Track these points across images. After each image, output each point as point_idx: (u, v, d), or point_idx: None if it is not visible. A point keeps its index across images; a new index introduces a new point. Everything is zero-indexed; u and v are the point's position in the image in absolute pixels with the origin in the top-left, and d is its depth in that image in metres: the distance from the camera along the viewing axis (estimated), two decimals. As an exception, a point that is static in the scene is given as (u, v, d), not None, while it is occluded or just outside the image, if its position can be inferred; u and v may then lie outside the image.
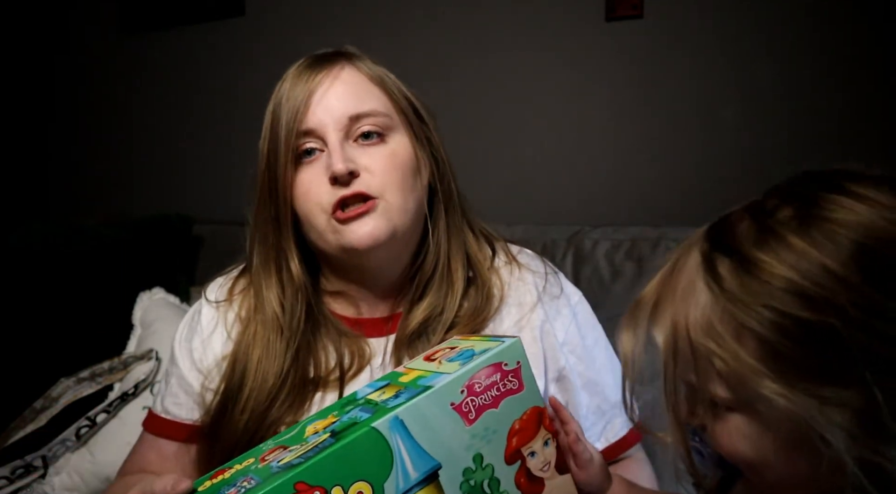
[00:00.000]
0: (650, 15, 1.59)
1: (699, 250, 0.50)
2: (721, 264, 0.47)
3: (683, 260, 0.52)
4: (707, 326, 0.47)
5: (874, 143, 1.43)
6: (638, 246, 1.48)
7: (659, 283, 0.53)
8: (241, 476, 0.56)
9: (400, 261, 0.84)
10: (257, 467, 0.57)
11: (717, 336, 0.47)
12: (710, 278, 0.48)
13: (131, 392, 1.40)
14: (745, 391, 0.46)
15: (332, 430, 0.58)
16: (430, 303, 0.83)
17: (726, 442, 0.49)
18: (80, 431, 1.36)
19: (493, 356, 0.62)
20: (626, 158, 1.67)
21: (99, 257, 1.72)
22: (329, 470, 0.53)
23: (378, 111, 0.79)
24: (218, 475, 0.59)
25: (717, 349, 0.46)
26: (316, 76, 0.79)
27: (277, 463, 0.55)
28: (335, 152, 0.76)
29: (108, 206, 2.35)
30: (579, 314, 0.90)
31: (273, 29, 2.04)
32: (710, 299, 0.47)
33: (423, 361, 0.67)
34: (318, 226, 0.78)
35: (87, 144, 2.48)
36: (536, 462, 0.63)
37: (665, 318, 0.50)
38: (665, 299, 0.51)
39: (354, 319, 0.86)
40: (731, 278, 0.46)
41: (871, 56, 1.43)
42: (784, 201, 0.49)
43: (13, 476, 1.30)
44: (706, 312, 0.47)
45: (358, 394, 0.66)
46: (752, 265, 0.46)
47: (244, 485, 0.53)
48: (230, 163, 2.14)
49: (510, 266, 0.89)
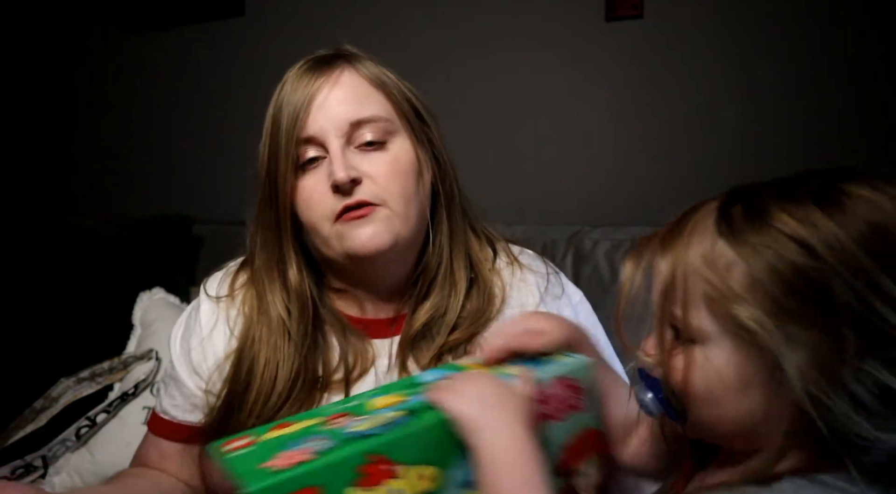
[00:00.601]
0: (650, 15, 1.59)
1: (716, 201, 0.55)
2: (735, 210, 0.52)
3: (698, 209, 0.56)
4: (706, 256, 0.51)
5: (874, 143, 1.43)
6: (638, 246, 1.48)
7: (670, 224, 0.57)
8: (307, 434, 0.57)
9: (403, 265, 0.84)
10: (327, 429, 0.57)
11: (712, 265, 0.51)
12: (720, 218, 0.52)
13: (131, 392, 1.40)
14: (722, 318, 0.50)
15: (405, 409, 0.58)
16: (433, 304, 0.83)
17: (683, 377, 0.53)
18: (80, 431, 1.36)
19: (567, 370, 0.63)
20: (626, 158, 1.67)
21: (99, 257, 1.72)
22: (404, 447, 0.54)
23: (379, 116, 0.79)
24: (280, 427, 0.60)
25: (710, 274, 0.51)
26: (316, 81, 0.78)
27: (349, 430, 0.56)
28: (336, 160, 0.75)
29: (108, 206, 2.35)
30: (581, 314, 0.91)
31: (273, 29, 2.04)
32: (715, 235, 0.52)
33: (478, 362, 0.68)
34: (323, 233, 0.78)
35: (88, 143, 2.48)
36: (583, 482, 0.64)
37: (670, 251, 0.54)
38: (674, 236, 0.55)
39: (359, 318, 0.86)
40: (742, 221, 0.51)
41: (871, 56, 1.43)
42: (810, 177, 0.53)
43: (13, 476, 1.30)
44: (708, 246, 0.52)
45: (423, 378, 0.66)
46: (766, 214, 0.50)
47: (316, 445, 0.54)
48: (230, 163, 2.14)
49: (512, 267, 0.89)
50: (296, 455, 0.53)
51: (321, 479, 0.52)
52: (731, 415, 0.52)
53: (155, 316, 1.55)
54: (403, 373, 0.81)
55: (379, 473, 0.53)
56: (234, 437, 0.59)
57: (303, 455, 0.53)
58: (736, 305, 0.49)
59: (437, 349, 0.81)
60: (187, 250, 1.89)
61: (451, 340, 0.82)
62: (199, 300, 0.88)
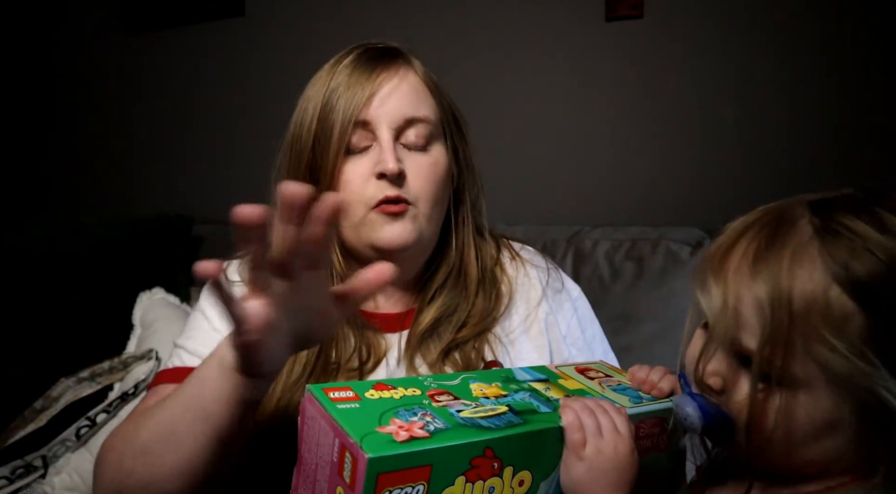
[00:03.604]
0: (650, 15, 1.60)
1: (806, 218, 0.50)
2: (844, 249, 0.48)
3: (786, 227, 0.51)
4: (818, 301, 0.47)
5: (874, 143, 1.43)
6: (638, 246, 1.48)
7: (755, 245, 0.51)
8: (415, 404, 0.56)
9: (416, 263, 0.86)
10: (436, 407, 0.56)
11: (827, 316, 0.47)
12: (830, 258, 0.48)
13: (131, 392, 1.40)
14: (832, 369, 0.47)
15: (510, 405, 0.58)
16: (443, 303, 0.85)
17: (760, 418, 0.49)
18: (80, 431, 1.36)
19: (662, 410, 0.63)
20: (626, 158, 1.67)
21: (99, 257, 1.72)
22: (514, 448, 0.54)
23: (430, 119, 0.81)
24: (380, 388, 0.59)
25: (824, 324, 0.47)
26: (381, 72, 0.80)
27: (458, 413, 0.55)
28: (388, 151, 0.77)
29: (108, 206, 2.35)
30: (579, 309, 0.93)
31: (273, 29, 2.04)
32: (828, 278, 0.47)
33: (575, 372, 0.68)
34: (355, 218, 0.79)
35: (88, 143, 2.48)
36: None
37: (765, 282, 0.49)
38: (768, 264, 0.49)
39: (371, 313, 0.87)
40: (858, 266, 0.47)
41: (871, 56, 1.43)
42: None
43: (13, 476, 1.30)
44: (819, 290, 0.47)
45: (515, 375, 0.66)
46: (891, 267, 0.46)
47: (429, 420, 0.53)
48: (230, 163, 2.15)
49: (515, 262, 0.92)
50: (411, 426, 0.52)
51: (437, 459, 0.51)
52: (812, 455, 0.50)
53: (155, 316, 1.55)
54: (410, 370, 0.81)
55: (488, 468, 0.53)
56: (334, 385, 0.58)
57: (418, 428, 0.52)
58: (853, 357, 0.46)
59: (444, 346, 0.82)
60: (187, 250, 1.89)
61: (459, 337, 0.83)
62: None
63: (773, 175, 1.51)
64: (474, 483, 0.52)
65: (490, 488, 0.53)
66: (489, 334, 0.84)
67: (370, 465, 0.48)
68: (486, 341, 0.84)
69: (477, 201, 0.89)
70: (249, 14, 2.08)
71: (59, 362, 1.48)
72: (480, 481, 0.52)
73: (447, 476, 0.51)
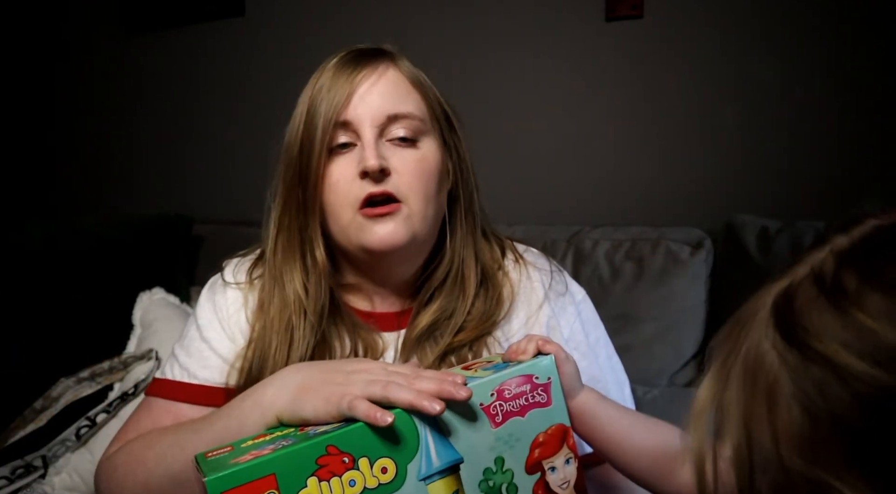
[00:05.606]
0: (650, 15, 1.60)
1: (771, 345, 0.42)
2: (807, 372, 0.39)
3: (753, 349, 0.43)
4: (806, 446, 0.40)
5: (874, 143, 1.43)
6: (638, 246, 1.48)
7: (783, 328, 0.42)
8: (279, 438, 0.59)
9: (413, 264, 0.85)
10: (298, 434, 0.60)
11: (822, 462, 0.39)
12: (801, 394, 0.40)
13: (131, 392, 1.40)
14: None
15: None
16: (440, 306, 0.84)
17: None
18: (80, 431, 1.36)
19: (525, 367, 0.65)
20: (626, 158, 1.67)
21: (99, 257, 1.72)
22: (359, 440, 0.56)
23: (414, 114, 0.80)
24: (260, 437, 0.62)
25: (828, 477, 0.38)
26: (360, 71, 0.79)
27: (315, 431, 0.58)
28: (369, 148, 0.77)
29: (109, 206, 2.35)
30: (583, 312, 0.91)
31: (273, 29, 2.04)
32: (805, 416, 0.40)
33: (461, 369, 0.70)
34: (343, 220, 0.79)
35: (88, 143, 2.48)
36: (556, 478, 0.65)
37: (736, 425, 0.42)
38: (810, 367, 0.40)
39: (368, 312, 0.86)
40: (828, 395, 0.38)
41: (871, 56, 1.43)
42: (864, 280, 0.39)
43: (13, 476, 1.30)
44: (803, 430, 0.40)
45: None
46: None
47: (283, 443, 0.56)
48: (230, 163, 2.15)
49: (518, 265, 0.91)
50: (262, 452, 0.55)
51: (279, 468, 0.53)
52: None
53: (155, 316, 1.56)
54: None
55: (338, 463, 0.55)
56: (218, 448, 0.60)
57: (267, 451, 0.55)
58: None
59: (441, 349, 0.82)
60: (187, 250, 1.89)
61: (456, 341, 0.82)
62: (218, 286, 0.88)
63: (772, 175, 1.51)
64: (329, 481, 0.54)
65: (350, 481, 0.55)
66: (489, 337, 0.84)
67: (209, 486, 0.51)
68: (485, 344, 0.83)
69: (472, 198, 0.87)
70: (249, 14, 2.08)
71: (59, 362, 1.48)
72: (336, 477, 0.55)
73: (296, 481, 0.54)
